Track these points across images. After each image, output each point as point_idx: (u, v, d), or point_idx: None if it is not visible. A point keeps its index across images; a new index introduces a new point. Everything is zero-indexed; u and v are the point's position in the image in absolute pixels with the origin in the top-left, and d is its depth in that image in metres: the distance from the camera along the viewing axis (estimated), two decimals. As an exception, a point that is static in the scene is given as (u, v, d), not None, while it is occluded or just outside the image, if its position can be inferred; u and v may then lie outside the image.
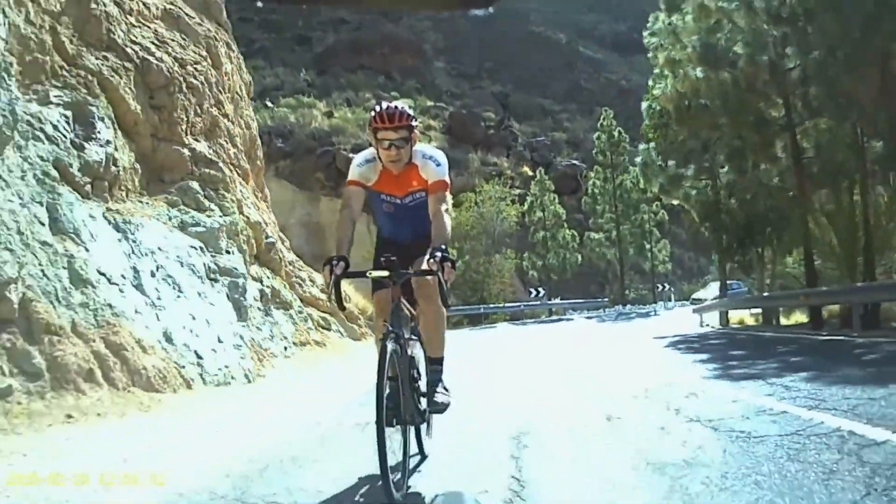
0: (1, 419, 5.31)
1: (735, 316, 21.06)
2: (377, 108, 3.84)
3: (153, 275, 8.44)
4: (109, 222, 8.64)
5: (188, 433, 5.69)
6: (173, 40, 13.70)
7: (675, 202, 21.05)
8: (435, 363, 3.99)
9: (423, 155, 3.96)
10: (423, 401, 3.89)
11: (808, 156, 14.66)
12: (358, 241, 4.13)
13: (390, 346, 3.40)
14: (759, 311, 19.61)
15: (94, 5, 11.46)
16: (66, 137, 9.17)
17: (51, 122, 9.01)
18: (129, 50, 11.92)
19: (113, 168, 9.95)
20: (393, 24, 79.88)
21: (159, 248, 8.98)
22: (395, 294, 3.66)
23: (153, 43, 12.83)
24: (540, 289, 36.76)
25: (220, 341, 8.56)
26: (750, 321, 20.48)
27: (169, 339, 7.62)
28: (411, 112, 3.87)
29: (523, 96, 78.04)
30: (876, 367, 7.98)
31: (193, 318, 8.38)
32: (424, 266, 3.53)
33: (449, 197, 4.08)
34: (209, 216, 11.35)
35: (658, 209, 39.97)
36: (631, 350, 13.11)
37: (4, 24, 8.18)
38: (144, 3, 13.56)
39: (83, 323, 6.73)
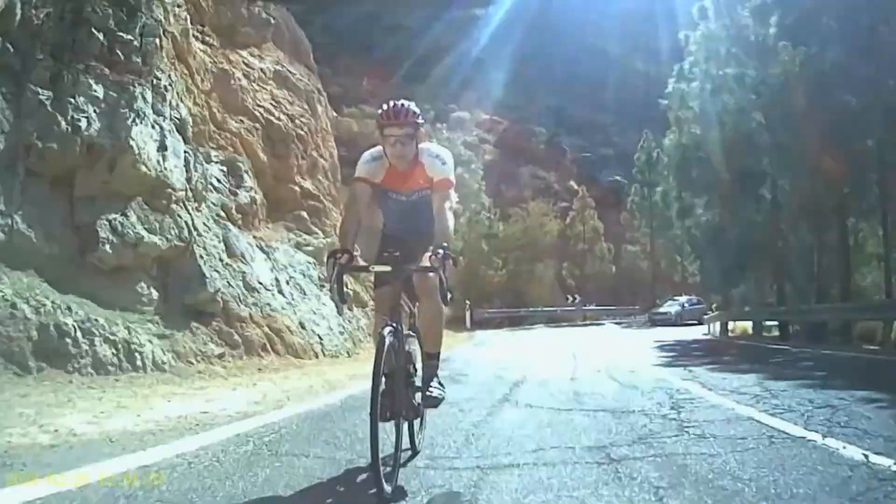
0: (223, 370, 9.52)
1: (742, 326, 24.54)
2: (385, 106, 3.93)
3: (287, 283, 12.74)
4: (258, 247, 12.93)
5: (324, 380, 9.81)
6: (284, 98, 18.06)
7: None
8: (432, 358, 4.05)
9: (429, 153, 4.05)
10: (418, 396, 3.91)
11: (782, 200, 18.32)
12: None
13: (388, 340, 3.44)
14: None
15: (232, 81, 15.88)
16: (225, 187, 13.49)
17: (216, 177, 13.31)
18: (256, 112, 16.32)
19: (253, 206, 14.26)
20: (453, 33, 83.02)
21: (289, 264, 13.26)
22: (397, 289, 3.74)
23: (271, 104, 17.19)
24: (576, 295, 40.57)
25: (330, 329, 12.87)
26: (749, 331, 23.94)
27: (302, 326, 11.93)
28: (416, 110, 3.94)
29: (577, 109, 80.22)
30: (782, 369, 10.45)
31: (314, 313, 12.68)
32: (426, 263, 3.59)
33: (454, 195, 4.17)
34: (315, 238, 15.63)
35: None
36: (625, 347, 16.87)
37: (185, 109, 12.45)
38: (262, 70, 17.94)
39: (256, 315, 11.01)
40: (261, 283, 11.77)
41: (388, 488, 3.18)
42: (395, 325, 3.56)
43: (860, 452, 3.91)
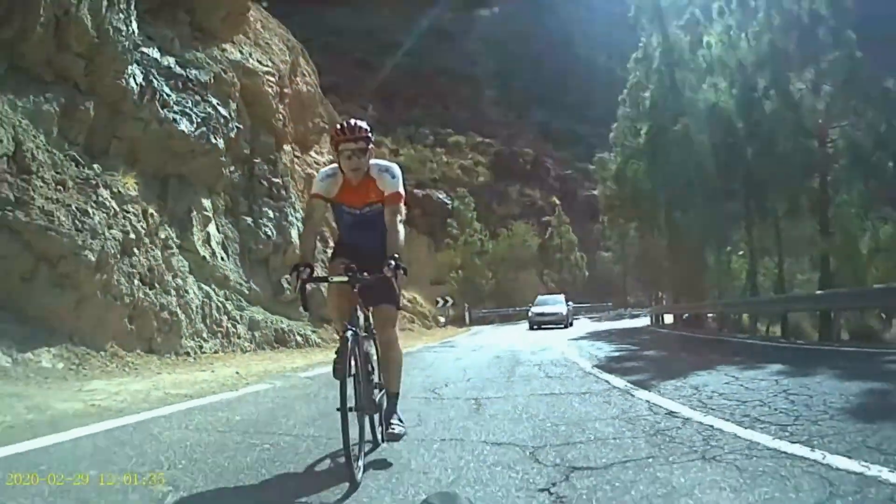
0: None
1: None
2: (339, 125, 4.20)
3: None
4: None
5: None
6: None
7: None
8: (392, 398, 4.35)
9: (379, 168, 4.24)
10: (377, 393, 4.21)
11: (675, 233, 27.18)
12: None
13: (350, 342, 3.68)
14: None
15: (314, 175, 24.80)
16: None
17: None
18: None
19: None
20: (448, 49, 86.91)
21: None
22: (354, 297, 3.96)
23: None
24: (555, 295, 49.42)
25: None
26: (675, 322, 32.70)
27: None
28: (368, 127, 4.18)
29: (563, 122, 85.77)
30: (669, 353, 14.08)
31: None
32: (382, 273, 3.81)
33: (403, 208, 4.29)
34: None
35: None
36: (565, 333, 24.89)
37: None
38: (326, 161, 26.73)
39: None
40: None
41: (357, 476, 3.47)
42: (354, 329, 3.83)
43: (647, 395, 12.53)
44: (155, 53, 15.35)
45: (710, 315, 23.75)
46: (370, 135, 4.18)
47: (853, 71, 19.02)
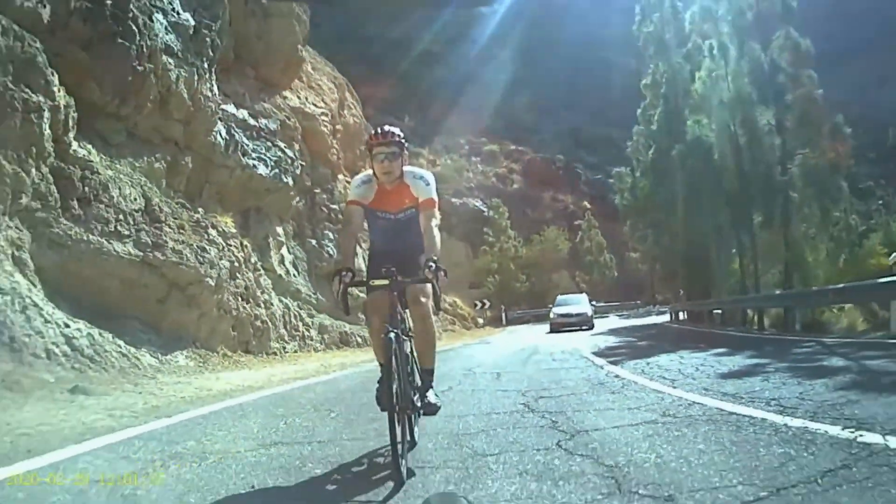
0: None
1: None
2: (373, 131, 4.42)
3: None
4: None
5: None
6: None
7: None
8: (428, 374, 4.42)
9: (413, 175, 4.43)
10: (416, 395, 4.27)
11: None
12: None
13: (393, 344, 3.84)
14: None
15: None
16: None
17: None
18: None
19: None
20: (479, 60, 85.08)
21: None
22: (393, 300, 4.06)
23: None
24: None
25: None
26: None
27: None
28: (400, 133, 4.39)
29: (594, 127, 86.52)
30: (656, 343, 20.50)
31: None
32: (423, 276, 4.00)
33: (438, 214, 4.53)
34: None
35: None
36: (597, 328, 27.69)
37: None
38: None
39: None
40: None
41: (403, 472, 3.61)
42: (397, 331, 3.95)
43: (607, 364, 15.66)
44: (231, 108, 18.85)
45: (717, 311, 26.38)
46: (403, 140, 4.39)
47: (806, 110, 21.97)
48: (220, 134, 17.51)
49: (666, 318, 36.64)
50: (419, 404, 4.26)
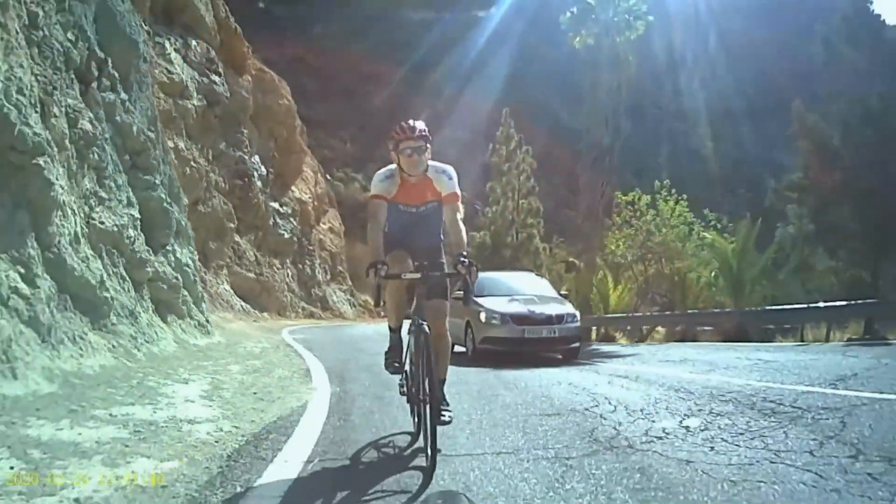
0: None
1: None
2: (399, 126, 4.33)
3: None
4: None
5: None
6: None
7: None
8: (440, 384, 4.34)
9: (436, 170, 4.38)
10: (431, 382, 4.10)
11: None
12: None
13: (421, 335, 4.05)
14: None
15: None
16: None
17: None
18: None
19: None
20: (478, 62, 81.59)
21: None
22: (421, 292, 4.26)
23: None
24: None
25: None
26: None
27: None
28: (425, 127, 4.32)
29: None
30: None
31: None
32: (453, 269, 4.06)
33: (461, 207, 4.44)
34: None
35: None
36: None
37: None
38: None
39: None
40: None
41: (430, 458, 3.73)
42: (422, 321, 4.10)
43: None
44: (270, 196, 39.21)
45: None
46: (428, 134, 4.33)
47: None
48: (267, 207, 38.29)
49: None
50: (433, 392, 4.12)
